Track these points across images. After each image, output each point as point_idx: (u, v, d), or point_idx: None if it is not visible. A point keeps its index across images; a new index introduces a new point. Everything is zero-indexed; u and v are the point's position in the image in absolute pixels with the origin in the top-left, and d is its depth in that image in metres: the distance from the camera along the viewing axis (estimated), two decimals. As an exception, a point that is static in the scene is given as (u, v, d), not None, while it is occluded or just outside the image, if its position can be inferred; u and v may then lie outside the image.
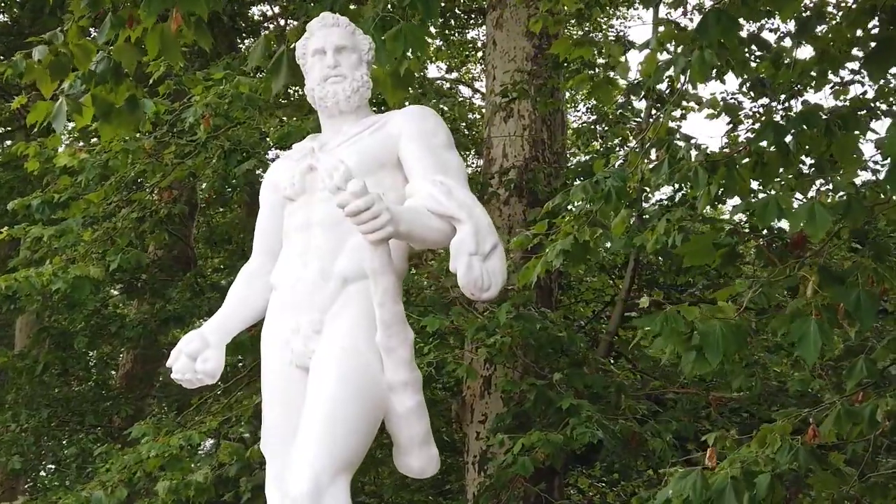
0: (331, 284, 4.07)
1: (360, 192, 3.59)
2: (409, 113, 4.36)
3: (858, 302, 5.08)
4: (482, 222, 3.93)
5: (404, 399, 3.96)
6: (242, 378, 12.25)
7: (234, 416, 10.52)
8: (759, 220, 5.55)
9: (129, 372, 15.38)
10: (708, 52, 5.94)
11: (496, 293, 3.95)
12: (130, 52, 5.83)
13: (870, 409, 5.69)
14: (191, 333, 4.23)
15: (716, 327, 5.12)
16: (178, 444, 9.54)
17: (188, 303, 13.16)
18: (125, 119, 6.17)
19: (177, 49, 5.77)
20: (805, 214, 5.13)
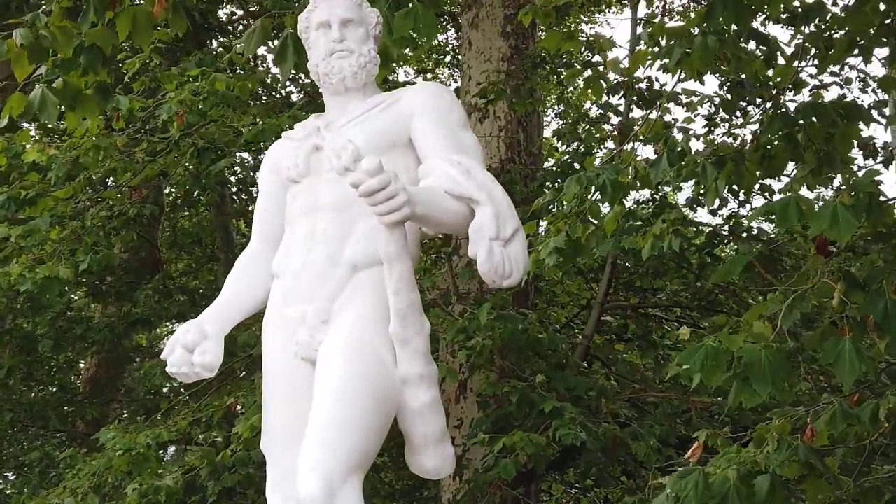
0: (339, 271, 3.83)
1: (376, 171, 3.33)
2: (422, 89, 4.15)
3: (886, 312, 4.89)
4: (503, 204, 3.68)
5: (419, 394, 3.72)
6: (212, 383, 12.07)
7: (204, 418, 10.28)
8: (778, 222, 5.29)
9: (93, 376, 15.08)
10: (712, 39, 5.79)
11: (518, 281, 3.71)
12: (107, 36, 5.61)
13: (870, 409, 5.47)
14: (187, 324, 3.96)
15: (761, 356, 4.82)
16: (146, 442, 9.30)
17: (156, 305, 12.90)
18: (93, 105, 5.92)
19: (147, 31, 5.55)
20: (828, 217, 4.85)
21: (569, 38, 7.66)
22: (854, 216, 4.79)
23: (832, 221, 4.80)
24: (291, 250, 3.96)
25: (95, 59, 5.59)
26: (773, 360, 4.80)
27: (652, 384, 11.10)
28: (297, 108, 10.75)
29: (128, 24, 5.42)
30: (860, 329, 4.98)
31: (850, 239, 5.20)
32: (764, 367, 4.79)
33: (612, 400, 9.83)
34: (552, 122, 17.52)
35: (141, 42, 5.70)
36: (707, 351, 4.91)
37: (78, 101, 5.81)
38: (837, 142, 5.98)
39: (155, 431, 9.54)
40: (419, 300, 3.71)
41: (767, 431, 5.64)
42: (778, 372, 4.81)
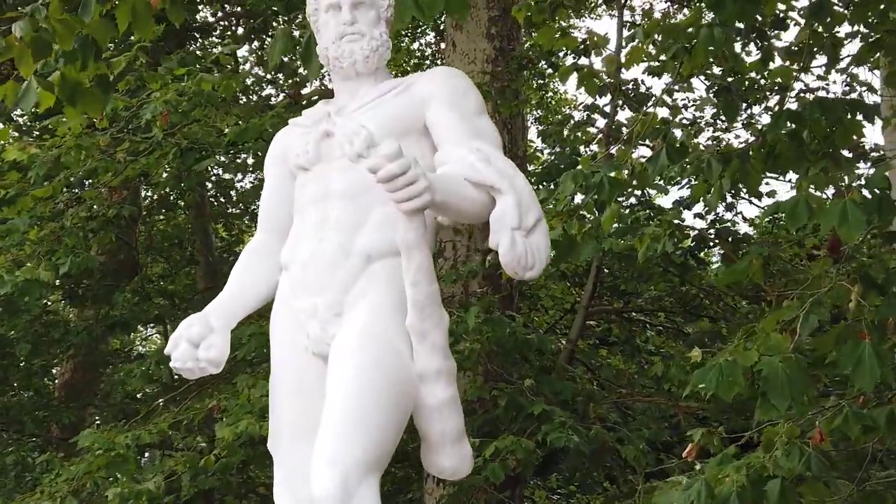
0: (352, 262, 3.67)
1: (395, 155, 3.17)
2: (438, 74, 3.99)
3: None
4: (525, 193, 3.52)
5: (437, 390, 3.56)
6: (192, 386, 11.92)
7: (185, 421, 10.12)
8: (788, 222, 5.21)
9: (68, 381, 14.85)
10: (718, 30, 5.70)
11: (539, 273, 3.55)
12: (106, 28, 5.45)
13: (887, 412, 5.32)
14: (192, 317, 3.79)
15: (778, 370, 4.75)
16: (126, 442, 9.14)
17: (134, 308, 12.73)
18: (94, 100, 5.74)
19: (148, 21, 5.40)
20: (837, 214, 4.79)
21: (563, 35, 7.57)
22: (864, 214, 4.70)
23: (841, 219, 4.72)
24: (301, 240, 3.81)
25: (89, 50, 5.42)
26: (791, 374, 4.71)
27: (638, 388, 11.02)
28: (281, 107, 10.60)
29: (128, 15, 5.27)
30: (879, 333, 4.88)
31: (861, 238, 5.11)
32: (782, 381, 4.71)
33: (600, 404, 9.76)
34: (531, 127, 17.44)
35: (142, 33, 5.49)
36: (722, 368, 4.82)
37: (77, 95, 5.63)
38: (838, 137, 5.90)
39: (135, 433, 9.38)
40: (438, 292, 3.56)
41: (776, 435, 5.53)
42: (797, 385, 4.71)
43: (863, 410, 5.29)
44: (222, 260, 14.69)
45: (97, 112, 6.24)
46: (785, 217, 5.15)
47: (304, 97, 12.37)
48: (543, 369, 9.73)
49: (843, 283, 5.20)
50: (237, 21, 13.67)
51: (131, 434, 9.33)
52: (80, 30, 5.40)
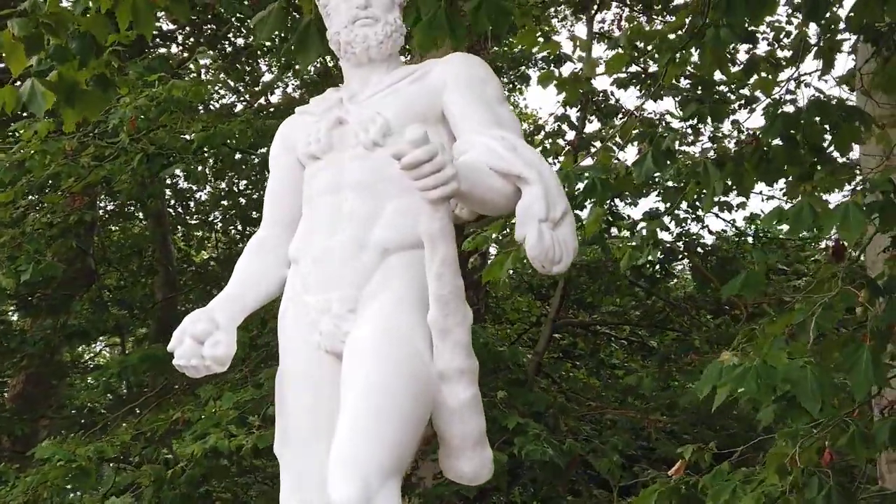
0: (367, 255, 3.48)
1: (421, 141, 2.95)
2: (455, 60, 3.79)
3: None
4: (552, 183, 3.32)
5: (458, 390, 3.37)
6: (151, 398, 11.72)
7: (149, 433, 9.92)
8: (792, 229, 5.10)
9: (20, 392, 14.51)
10: (724, 31, 5.65)
11: (566, 267, 3.35)
12: (103, 24, 5.26)
13: (889, 426, 5.18)
14: (196, 312, 3.57)
15: (806, 373, 4.58)
16: (87, 455, 8.94)
17: (92, 317, 12.48)
18: (93, 100, 5.52)
19: (150, 19, 5.19)
20: (839, 216, 4.73)
21: (546, 40, 7.51)
22: (864, 215, 4.65)
23: (843, 220, 4.67)
24: (312, 233, 3.62)
25: (88, 47, 5.23)
26: (818, 377, 4.58)
27: (607, 401, 10.97)
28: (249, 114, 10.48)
29: (128, 13, 5.08)
30: (882, 339, 4.81)
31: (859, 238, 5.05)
32: (812, 385, 4.57)
33: (572, 417, 9.70)
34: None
35: (143, 30, 5.27)
36: (758, 371, 4.64)
37: (75, 96, 5.42)
38: (836, 143, 5.86)
39: (98, 446, 9.18)
40: (462, 286, 3.37)
41: (782, 457, 5.43)
42: (826, 389, 4.59)
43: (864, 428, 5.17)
44: (181, 270, 14.49)
45: (96, 113, 6.01)
46: (789, 223, 5.06)
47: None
48: (515, 382, 9.64)
49: (849, 288, 5.13)
50: (199, 29, 13.46)
51: (93, 446, 9.12)
52: (74, 24, 5.21)
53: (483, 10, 4.91)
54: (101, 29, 5.26)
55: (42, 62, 5.30)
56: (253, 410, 9.37)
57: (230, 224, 14.06)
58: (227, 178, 12.82)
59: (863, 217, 4.70)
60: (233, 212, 13.77)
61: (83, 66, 5.29)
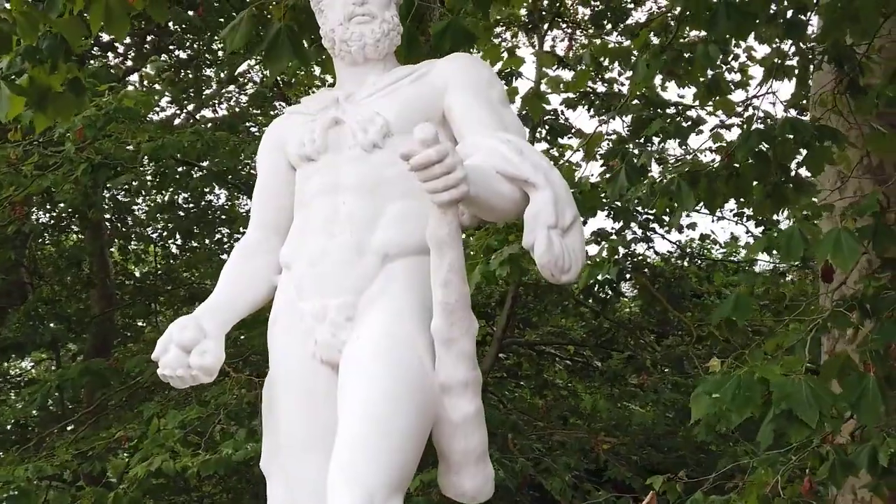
0: (367, 260, 3.32)
1: (432, 140, 2.80)
2: (457, 61, 3.65)
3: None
4: (561, 189, 3.16)
5: (462, 403, 3.23)
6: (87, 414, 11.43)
7: (90, 451, 9.66)
8: (784, 255, 5.04)
9: (-54, 408, 14.11)
10: (713, 47, 5.63)
11: (575, 276, 3.21)
12: (76, 26, 5.06)
13: (867, 452, 5.02)
14: (182, 319, 3.40)
15: (802, 386, 4.47)
16: (26, 475, 8.69)
17: (28, 330, 12.17)
18: (66, 104, 5.32)
19: (124, 21, 5.01)
20: (831, 243, 4.63)
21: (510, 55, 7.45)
22: (858, 242, 4.60)
23: (835, 249, 4.60)
24: (306, 237, 3.46)
25: (58, 49, 5.03)
26: (815, 390, 4.49)
27: (554, 422, 10.92)
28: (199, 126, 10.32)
29: (101, 15, 4.89)
30: (883, 362, 4.76)
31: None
32: (808, 398, 4.46)
33: (522, 436, 9.63)
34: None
35: (116, 33, 5.08)
36: (740, 381, 4.56)
37: (47, 100, 5.22)
38: (808, 162, 5.84)
39: (37, 465, 8.91)
40: (469, 294, 3.22)
41: (763, 486, 5.35)
42: (824, 402, 4.49)
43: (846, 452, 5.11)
44: (119, 284, 14.20)
45: (69, 118, 5.81)
46: (780, 251, 4.99)
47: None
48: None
49: (842, 310, 5.10)
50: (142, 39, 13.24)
51: (32, 465, 8.86)
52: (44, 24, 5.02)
53: (449, 33, 4.80)
54: (73, 31, 5.06)
55: (13, 64, 5.11)
56: (199, 430, 9.18)
57: (170, 237, 13.80)
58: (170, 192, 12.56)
59: (857, 244, 4.63)
60: (171, 225, 13.52)
61: (54, 70, 5.10)
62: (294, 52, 4.83)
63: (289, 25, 4.88)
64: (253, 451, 8.52)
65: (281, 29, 4.87)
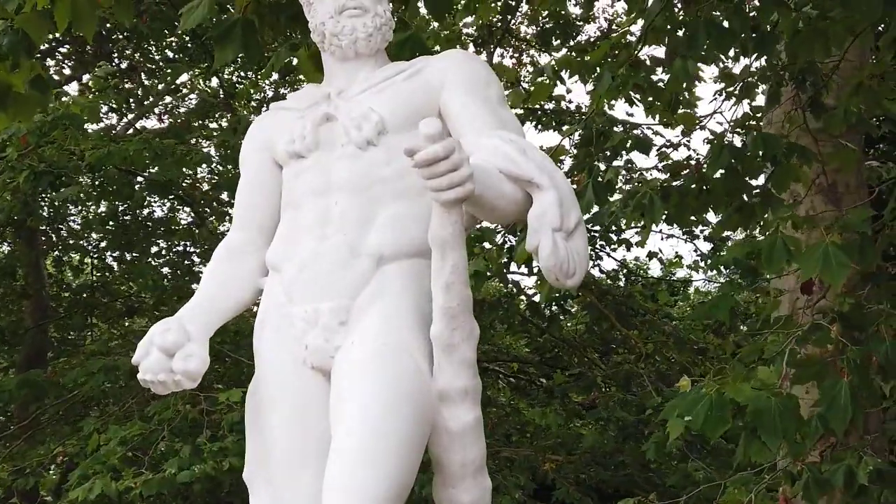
0: (361, 262, 3.20)
1: (438, 135, 2.66)
2: (454, 57, 3.52)
3: (887, 356, 4.67)
4: (566, 190, 3.05)
5: (461, 413, 3.09)
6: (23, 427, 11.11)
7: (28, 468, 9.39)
8: (766, 265, 4.97)
9: None
10: (691, 63, 5.60)
11: (580, 281, 3.10)
12: (40, 23, 4.85)
13: (842, 471, 4.98)
14: (165, 321, 3.23)
15: (770, 404, 4.41)
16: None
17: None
18: (29, 103, 5.11)
19: (91, 19, 4.83)
20: (819, 259, 4.55)
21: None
22: (847, 258, 4.56)
23: (824, 264, 4.55)
24: (296, 238, 3.33)
25: (19, 45, 4.83)
26: (783, 410, 4.44)
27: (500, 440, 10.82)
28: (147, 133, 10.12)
29: (67, 12, 4.70)
30: (861, 372, 4.72)
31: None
32: (774, 418, 4.42)
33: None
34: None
35: (83, 31, 4.89)
36: (711, 401, 4.49)
37: (9, 99, 5.00)
38: (774, 179, 5.83)
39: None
40: (471, 298, 3.08)
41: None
42: (789, 422, 4.44)
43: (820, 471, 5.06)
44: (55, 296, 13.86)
45: (30, 118, 5.58)
46: (762, 260, 4.94)
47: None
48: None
49: (821, 322, 5.06)
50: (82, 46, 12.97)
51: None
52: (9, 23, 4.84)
53: (407, 45, 4.74)
54: (36, 27, 4.87)
55: (-30, 61, 4.91)
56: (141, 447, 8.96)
57: (108, 249, 13.48)
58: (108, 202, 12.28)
59: (846, 260, 4.54)
60: (110, 237, 13.22)
61: (16, 67, 4.91)
62: (243, 46, 4.69)
63: (248, 19, 4.76)
64: (200, 472, 8.36)
65: (238, 20, 4.75)
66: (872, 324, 4.91)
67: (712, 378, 4.80)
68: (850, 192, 6.87)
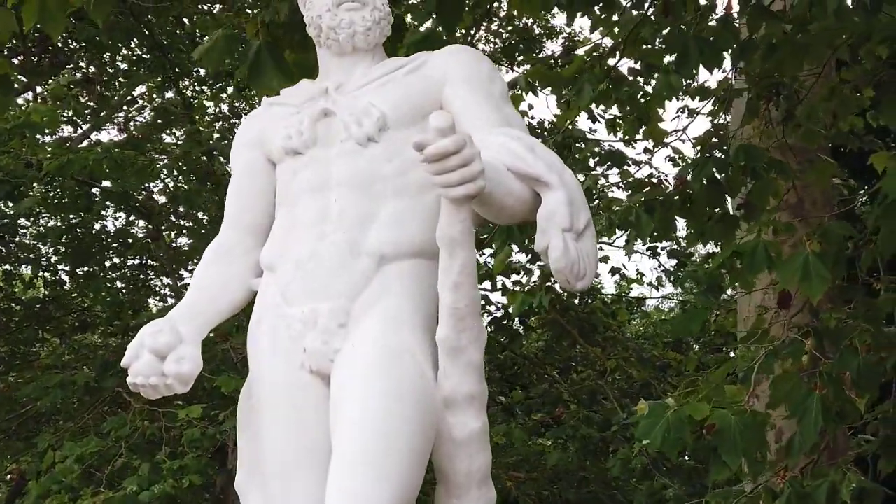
0: (362, 262, 3.10)
1: (449, 129, 2.55)
2: (456, 53, 3.40)
3: (859, 371, 4.65)
4: (575, 190, 2.94)
5: (467, 419, 2.99)
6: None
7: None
8: (747, 269, 4.87)
9: None
10: (675, 77, 5.57)
11: (589, 284, 3.01)
12: (7, 19, 4.74)
13: (825, 488, 4.89)
14: (156, 322, 3.11)
15: (731, 423, 4.38)
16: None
17: None
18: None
19: (61, 18, 4.68)
20: (799, 269, 4.52)
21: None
22: (828, 270, 4.51)
23: (804, 275, 4.50)
24: (293, 236, 3.23)
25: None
26: (744, 428, 4.40)
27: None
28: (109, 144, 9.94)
29: (35, 10, 4.57)
30: (835, 385, 4.68)
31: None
32: (735, 436, 4.38)
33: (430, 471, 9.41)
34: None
35: (50, 30, 4.75)
36: (669, 422, 4.45)
37: None
38: (755, 192, 5.79)
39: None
40: (479, 299, 3.00)
41: None
42: (751, 441, 4.41)
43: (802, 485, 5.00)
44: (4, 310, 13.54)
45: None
46: (743, 263, 4.90)
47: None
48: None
49: (796, 336, 5.01)
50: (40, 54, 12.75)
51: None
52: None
53: (427, 46, 4.68)
54: (2, 24, 4.73)
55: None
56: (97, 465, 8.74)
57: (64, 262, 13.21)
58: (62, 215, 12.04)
59: (827, 273, 4.51)
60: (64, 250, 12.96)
61: None
62: (278, 69, 4.68)
63: (268, 42, 4.74)
64: (160, 491, 8.19)
65: (261, 47, 4.71)
66: (846, 338, 4.86)
67: (682, 394, 4.76)
68: (816, 208, 6.88)
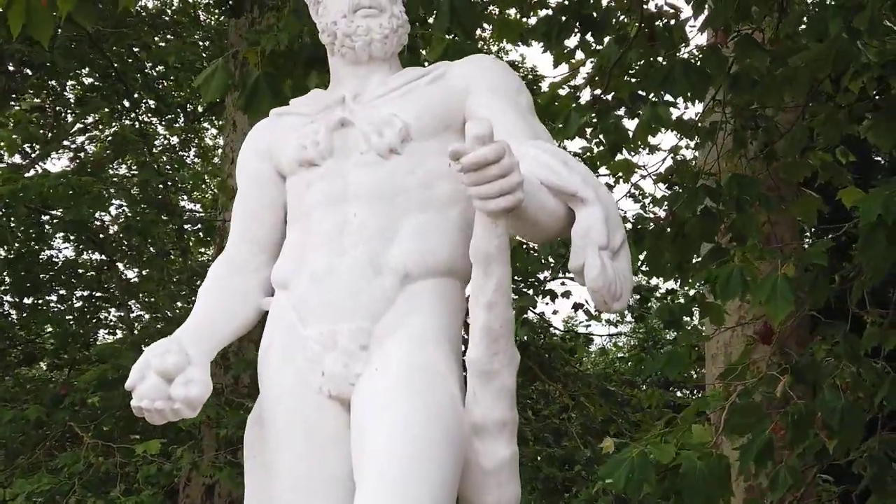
0: (385, 280, 2.91)
1: (488, 137, 2.39)
2: (481, 62, 3.22)
3: (842, 412, 4.55)
4: (611, 207, 2.76)
5: (497, 447, 2.78)
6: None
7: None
8: (721, 294, 4.82)
9: None
10: (662, 108, 5.48)
11: (625, 305, 2.80)
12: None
13: None
14: (162, 343, 2.89)
15: (696, 467, 4.29)
16: None
17: None
18: None
19: (48, 24, 4.49)
20: (767, 290, 4.45)
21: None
22: (792, 292, 4.41)
23: (770, 295, 4.41)
24: (308, 252, 3.03)
25: None
26: (709, 472, 4.31)
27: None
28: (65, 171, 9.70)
29: (21, 16, 4.41)
30: (799, 428, 4.58)
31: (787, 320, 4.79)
32: (699, 480, 4.29)
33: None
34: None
35: (40, 37, 4.57)
36: (633, 463, 4.33)
37: None
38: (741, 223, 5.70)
39: None
40: (514, 321, 2.81)
41: None
42: (714, 485, 4.31)
43: None
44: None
45: None
46: (718, 288, 4.79)
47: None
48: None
49: (774, 373, 4.90)
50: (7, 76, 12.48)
51: None
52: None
53: (448, 56, 4.59)
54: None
55: None
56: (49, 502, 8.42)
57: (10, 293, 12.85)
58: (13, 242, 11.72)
59: (791, 294, 4.44)
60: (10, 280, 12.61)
61: None
62: (275, 98, 4.58)
63: (267, 72, 4.67)
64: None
65: (259, 77, 4.64)
66: (827, 377, 4.77)
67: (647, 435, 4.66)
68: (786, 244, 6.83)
